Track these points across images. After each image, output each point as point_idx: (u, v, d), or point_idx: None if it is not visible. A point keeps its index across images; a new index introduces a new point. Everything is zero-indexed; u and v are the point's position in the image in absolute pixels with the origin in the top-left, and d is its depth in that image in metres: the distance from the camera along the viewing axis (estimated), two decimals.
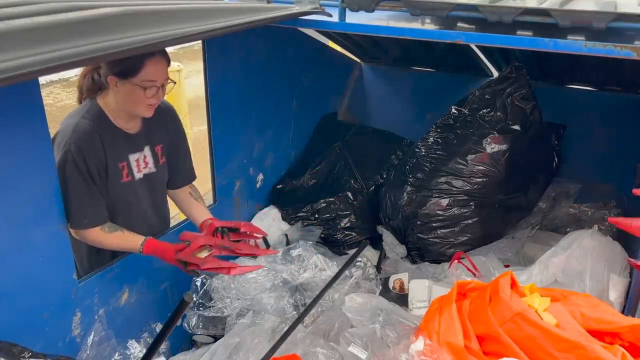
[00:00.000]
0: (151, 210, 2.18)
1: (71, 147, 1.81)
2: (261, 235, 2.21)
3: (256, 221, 2.95)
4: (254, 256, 2.44)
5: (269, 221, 2.96)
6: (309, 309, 2.20)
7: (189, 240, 1.91)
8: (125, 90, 1.85)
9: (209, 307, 2.37)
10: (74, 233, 1.89)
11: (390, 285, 2.62)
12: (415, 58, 3.59)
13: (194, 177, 2.33)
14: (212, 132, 2.53)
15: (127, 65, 1.80)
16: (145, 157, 2.05)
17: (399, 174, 2.97)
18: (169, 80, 1.91)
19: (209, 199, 2.72)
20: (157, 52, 1.84)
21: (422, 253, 2.85)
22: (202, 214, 2.18)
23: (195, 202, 2.25)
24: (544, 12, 1.64)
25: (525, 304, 1.67)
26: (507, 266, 2.55)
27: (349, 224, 2.98)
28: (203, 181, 2.58)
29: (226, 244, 2.00)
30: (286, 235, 2.94)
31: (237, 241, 2.06)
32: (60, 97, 8.27)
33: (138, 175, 2.05)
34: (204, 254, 1.90)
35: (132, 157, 2.01)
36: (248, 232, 2.11)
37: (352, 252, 2.72)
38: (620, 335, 1.62)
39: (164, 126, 2.11)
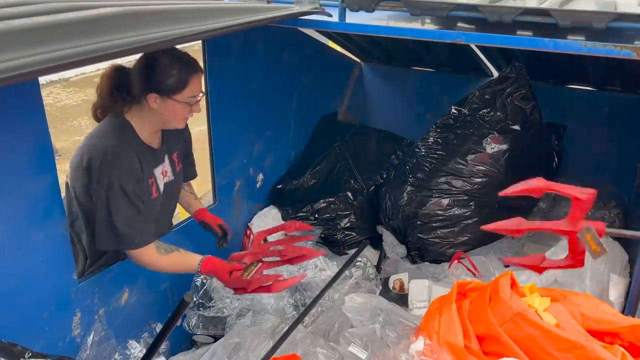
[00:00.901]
0: (166, 216, 2.17)
1: (115, 172, 1.77)
2: (312, 232, 2.19)
3: (256, 221, 2.95)
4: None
5: (269, 221, 2.96)
6: (309, 309, 2.20)
7: (239, 261, 1.91)
8: (167, 107, 1.80)
9: (209, 307, 2.37)
10: (131, 256, 1.88)
11: (390, 285, 2.63)
12: (415, 58, 3.59)
13: (196, 175, 2.34)
14: (212, 132, 2.53)
15: (172, 83, 1.76)
16: (165, 167, 2.02)
17: (399, 174, 2.97)
18: (203, 93, 1.91)
19: (209, 199, 2.72)
20: (198, 68, 1.82)
21: (422, 253, 2.85)
22: (193, 204, 2.33)
23: (186, 193, 2.32)
24: (544, 12, 1.64)
25: (525, 304, 1.67)
26: (507, 266, 2.55)
27: (349, 224, 2.98)
28: (203, 181, 2.58)
29: (273, 254, 1.97)
30: (286, 235, 2.94)
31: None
32: (60, 97, 8.28)
33: (161, 187, 2.02)
34: (252, 269, 1.89)
35: (157, 171, 1.97)
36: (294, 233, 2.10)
37: (352, 252, 2.72)
38: (620, 335, 1.62)
39: (181, 133, 2.10)
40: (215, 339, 2.34)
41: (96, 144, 1.81)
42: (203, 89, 1.91)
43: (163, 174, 2.00)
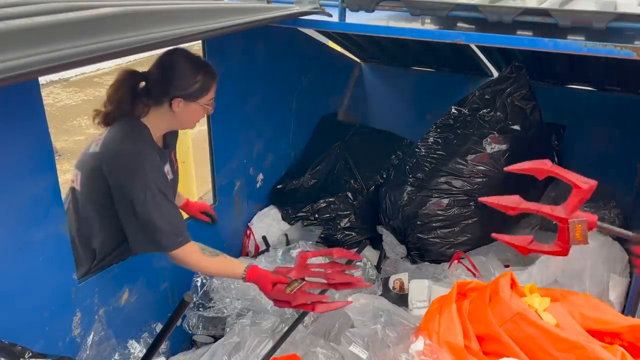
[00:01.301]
0: None
1: (150, 174, 1.80)
2: (358, 262, 2.21)
3: (256, 221, 2.95)
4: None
5: (269, 221, 2.96)
6: None
7: (284, 275, 1.92)
8: (189, 111, 1.89)
9: (209, 307, 2.37)
10: (175, 258, 1.89)
11: (390, 285, 2.62)
12: (415, 58, 3.59)
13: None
14: (212, 132, 2.53)
15: (197, 89, 1.84)
16: (168, 167, 2.05)
17: (399, 174, 2.97)
18: None
19: (209, 198, 2.72)
20: (216, 73, 1.90)
21: (422, 253, 2.85)
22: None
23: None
24: (544, 12, 1.64)
25: (525, 304, 1.67)
26: (507, 266, 2.55)
27: (349, 224, 2.98)
28: (203, 181, 2.59)
29: (319, 275, 1.97)
30: (286, 235, 2.94)
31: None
32: (60, 97, 8.28)
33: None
34: (296, 286, 1.88)
35: (165, 170, 1.99)
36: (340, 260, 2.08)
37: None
38: (620, 336, 1.62)
39: (176, 133, 2.14)
40: (215, 339, 2.34)
41: (123, 151, 1.82)
42: None
43: (168, 172, 2.03)
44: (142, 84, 1.88)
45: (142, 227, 1.82)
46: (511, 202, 1.62)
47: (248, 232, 2.92)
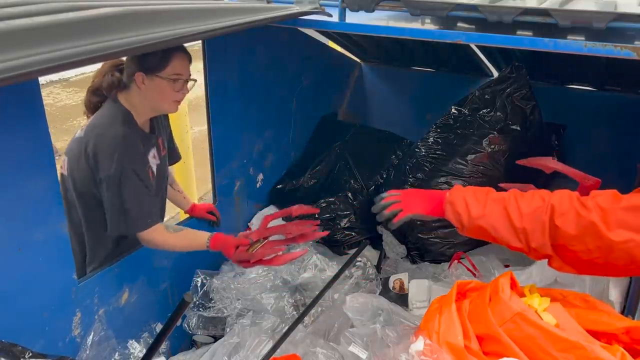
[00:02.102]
0: (158, 202, 2.20)
1: (127, 157, 1.86)
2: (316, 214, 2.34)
3: (256, 221, 2.95)
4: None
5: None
6: (309, 309, 2.20)
7: (245, 236, 2.02)
8: (154, 86, 1.90)
9: (209, 307, 2.37)
10: (143, 239, 1.95)
11: (390, 285, 2.62)
12: (415, 58, 3.59)
13: (180, 156, 2.43)
14: (212, 132, 2.53)
15: (155, 60, 1.86)
16: (154, 152, 2.09)
17: (399, 174, 2.97)
18: (191, 78, 1.98)
19: (209, 198, 2.72)
20: (180, 49, 1.91)
21: (422, 253, 2.85)
22: (182, 202, 2.51)
23: (176, 193, 2.45)
24: (544, 12, 1.64)
25: (525, 304, 1.67)
26: (507, 266, 2.55)
27: (349, 224, 2.98)
28: (203, 181, 2.59)
29: (278, 232, 2.08)
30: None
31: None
32: (60, 97, 8.28)
33: (155, 171, 2.09)
34: (257, 246, 1.99)
35: (150, 155, 2.05)
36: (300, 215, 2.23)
37: (352, 252, 2.72)
38: (619, 336, 1.62)
39: (165, 121, 2.21)
40: (215, 339, 2.34)
41: (104, 133, 1.88)
42: (192, 75, 2.00)
43: (154, 157, 2.07)
44: (117, 74, 1.96)
45: (115, 208, 1.88)
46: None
47: (248, 231, 2.92)
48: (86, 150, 1.88)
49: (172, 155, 2.35)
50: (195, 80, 2.01)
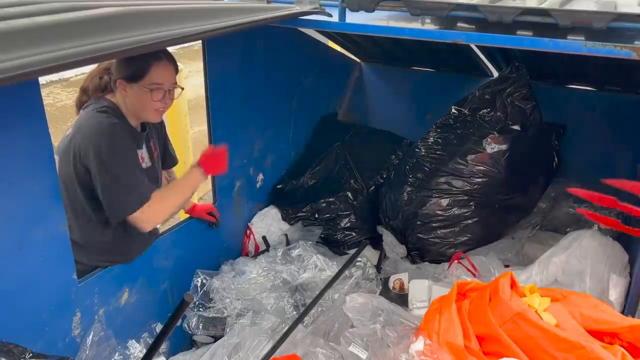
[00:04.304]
0: None
1: (116, 143, 1.86)
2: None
3: (256, 221, 2.95)
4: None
5: (269, 221, 2.96)
6: (309, 309, 2.20)
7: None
8: (134, 94, 1.89)
9: (209, 307, 2.37)
10: (144, 216, 1.92)
11: (390, 285, 2.62)
12: (415, 58, 3.58)
13: (177, 161, 2.43)
14: (212, 132, 2.53)
15: (134, 68, 1.85)
16: (143, 153, 2.08)
17: (399, 174, 2.97)
18: (177, 86, 1.95)
19: (209, 199, 2.72)
20: (164, 57, 1.88)
21: (422, 253, 2.85)
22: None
23: None
24: (544, 12, 1.64)
25: (525, 304, 1.67)
26: (507, 266, 2.55)
27: (349, 224, 2.98)
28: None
29: None
30: (286, 235, 2.94)
31: None
32: (60, 97, 8.27)
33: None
34: None
35: (140, 153, 2.04)
36: None
37: (352, 252, 2.72)
38: (619, 336, 1.62)
39: (159, 127, 2.20)
40: (215, 339, 2.34)
41: (94, 124, 1.87)
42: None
43: (141, 158, 2.06)
44: (106, 77, 1.97)
45: (105, 190, 1.87)
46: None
47: (248, 232, 2.92)
48: (73, 143, 1.88)
49: (168, 160, 2.35)
50: (183, 89, 1.99)
